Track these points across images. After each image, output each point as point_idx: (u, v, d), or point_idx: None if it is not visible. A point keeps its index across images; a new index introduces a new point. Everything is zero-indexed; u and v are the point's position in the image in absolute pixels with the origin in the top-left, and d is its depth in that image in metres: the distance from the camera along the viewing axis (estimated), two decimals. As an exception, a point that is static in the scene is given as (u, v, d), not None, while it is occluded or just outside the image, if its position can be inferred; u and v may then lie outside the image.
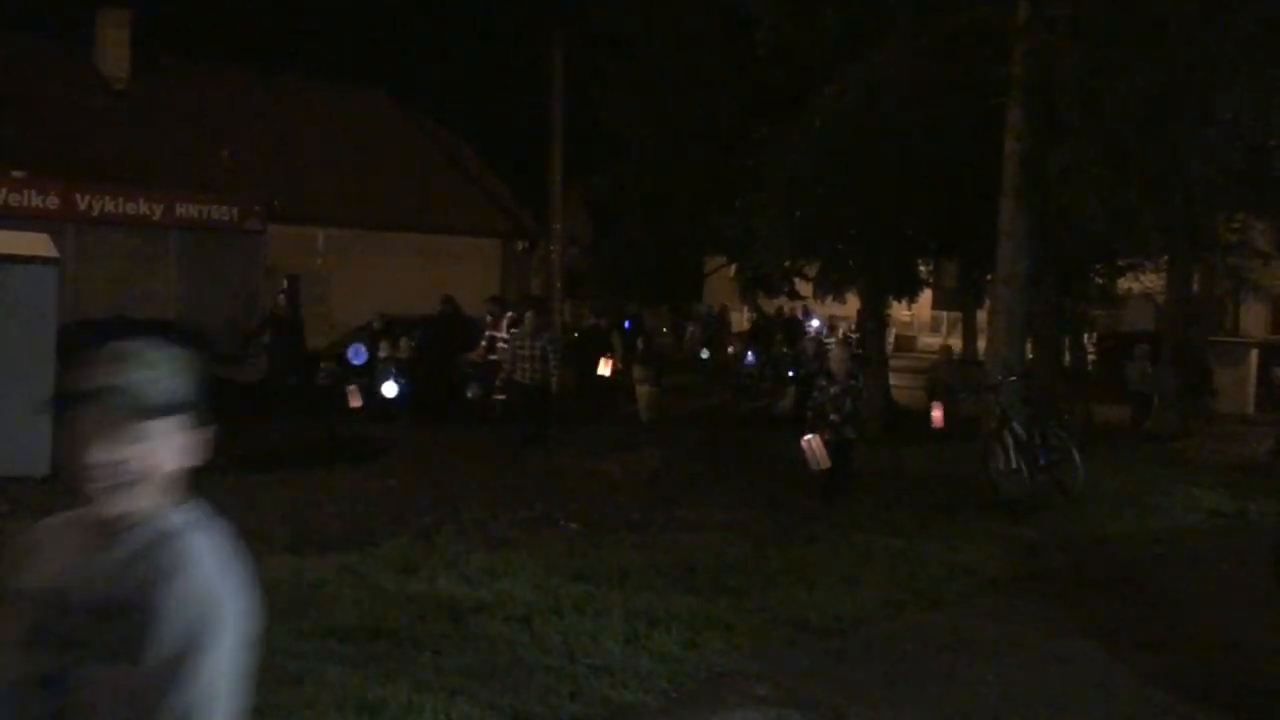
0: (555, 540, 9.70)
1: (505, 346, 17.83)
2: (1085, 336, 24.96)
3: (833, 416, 12.02)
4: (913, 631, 7.69)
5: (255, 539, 9.12)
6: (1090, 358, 25.77)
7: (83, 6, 27.47)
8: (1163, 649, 7.46)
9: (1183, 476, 14.53)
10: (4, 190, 17.83)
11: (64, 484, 10.74)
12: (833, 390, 12.13)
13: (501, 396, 16.66)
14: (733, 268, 31.35)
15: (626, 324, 24.79)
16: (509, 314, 18.65)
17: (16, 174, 18.48)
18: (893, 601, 8.33)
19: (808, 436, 11.90)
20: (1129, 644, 7.54)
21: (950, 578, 9.14)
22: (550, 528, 10.23)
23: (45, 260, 11.93)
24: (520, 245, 31.59)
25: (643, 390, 18.46)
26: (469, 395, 18.19)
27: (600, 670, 6.40)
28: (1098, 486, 13.06)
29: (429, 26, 60.40)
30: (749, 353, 25.80)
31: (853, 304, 28.15)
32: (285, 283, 18.45)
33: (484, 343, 18.61)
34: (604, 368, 19.33)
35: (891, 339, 27.92)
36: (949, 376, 20.19)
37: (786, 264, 24.48)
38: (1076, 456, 12.88)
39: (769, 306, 33.65)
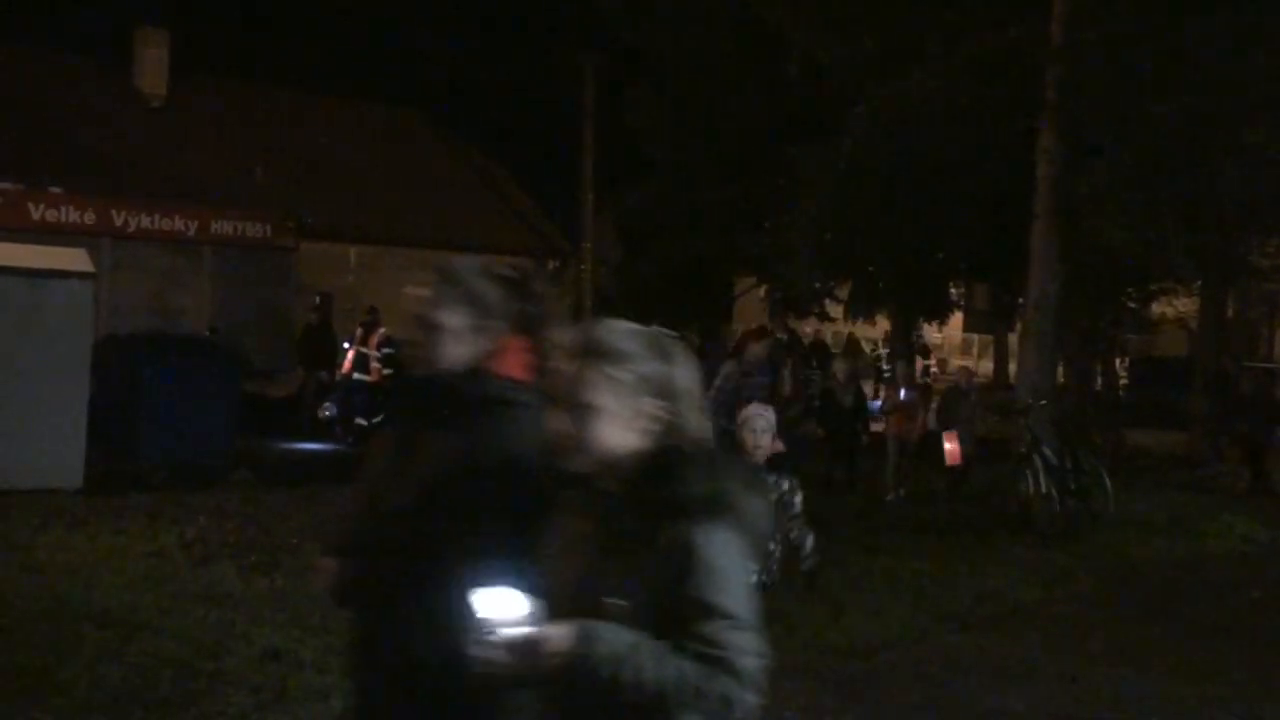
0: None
1: (379, 365, 15.97)
2: (1117, 361, 24.83)
3: None
4: (940, 656, 7.65)
5: (286, 553, 9.18)
6: (1122, 382, 25.62)
7: (121, 25, 27.82)
8: (1191, 677, 7.40)
9: (1215, 503, 14.42)
10: (42, 206, 18.07)
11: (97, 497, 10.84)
12: None
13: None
14: (763, 288, 31.36)
15: None
16: (382, 330, 17.49)
17: (54, 190, 18.70)
18: (920, 626, 8.30)
19: None
20: (1158, 671, 7.48)
21: (978, 602, 9.10)
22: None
23: (82, 275, 12.05)
24: (551, 264, 31.69)
25: None
26: (323, 415, 16.68)
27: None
28: (1128, 512, 12.97)
29: (461, 45, 60.79)
30: None
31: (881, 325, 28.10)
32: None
33: (350, 358, 16.95)
34: None
35: (922, 366, 27.40)
36: (966, 402, 16.05)
37: (817, 285, 24.47)
38: (1107, 481, 12.80)
39: (799, 328, 33.56)
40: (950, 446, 13.85)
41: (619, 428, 2.38)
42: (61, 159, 22.23)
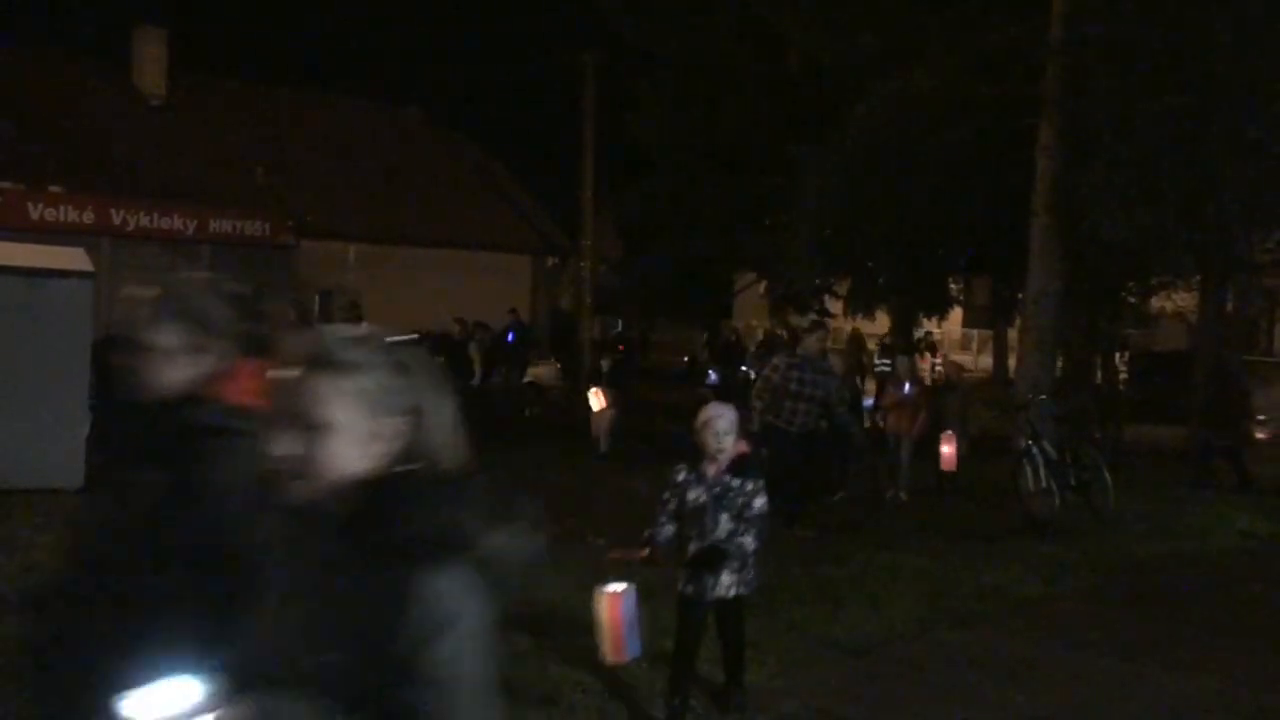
0: (583, 557, 9.70)
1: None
2: (1117, 356, 24.82)
3: (695, 545, 6.01)
4: (941, 651, 7.66)
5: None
6: (1122, 377, 25.61)
7: (121, 24, 27.88)
8: (1192, 672, 7.40)
9: (1215, 499, 14.41)
10: (41, 205, 18.08)
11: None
12: (693, 496, 5.98)
13: None
14: (763, 285, 31.39)
15: (509, 335, 20.95)
16: (364, 325, 16.48)
17: (54, 189, 18.72)
18: (921, 620, 8.31)
19: (612, 587, 5.42)
20: (1158, 666, 7.49)
21: (979, 597, 9.11)
22: (579, 544, 10.23)
23: (81, 275, 12.05)
24: (550, 261, 31.71)
25: (603, 415, 16.11)
26: None
27: (628, 686, 6.41)
28: (1129, 507, 12.96)
29: (462, 45, 60.81)
30: (710, 372, 25.02)
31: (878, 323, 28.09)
32: None
33: None
34: (595, 400, 15.98)
35: (930, 363, 27.25)
36: (954, 397, 14.97)
37: (816, 281, 24.49)
38: (1107, 477, 12.78)
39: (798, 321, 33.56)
40: (947, 451, 13.57)
41: (352, 448, 2.01)
42: (61, 159, 22.25)
